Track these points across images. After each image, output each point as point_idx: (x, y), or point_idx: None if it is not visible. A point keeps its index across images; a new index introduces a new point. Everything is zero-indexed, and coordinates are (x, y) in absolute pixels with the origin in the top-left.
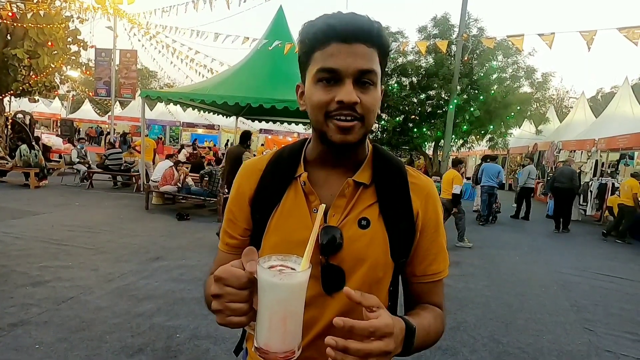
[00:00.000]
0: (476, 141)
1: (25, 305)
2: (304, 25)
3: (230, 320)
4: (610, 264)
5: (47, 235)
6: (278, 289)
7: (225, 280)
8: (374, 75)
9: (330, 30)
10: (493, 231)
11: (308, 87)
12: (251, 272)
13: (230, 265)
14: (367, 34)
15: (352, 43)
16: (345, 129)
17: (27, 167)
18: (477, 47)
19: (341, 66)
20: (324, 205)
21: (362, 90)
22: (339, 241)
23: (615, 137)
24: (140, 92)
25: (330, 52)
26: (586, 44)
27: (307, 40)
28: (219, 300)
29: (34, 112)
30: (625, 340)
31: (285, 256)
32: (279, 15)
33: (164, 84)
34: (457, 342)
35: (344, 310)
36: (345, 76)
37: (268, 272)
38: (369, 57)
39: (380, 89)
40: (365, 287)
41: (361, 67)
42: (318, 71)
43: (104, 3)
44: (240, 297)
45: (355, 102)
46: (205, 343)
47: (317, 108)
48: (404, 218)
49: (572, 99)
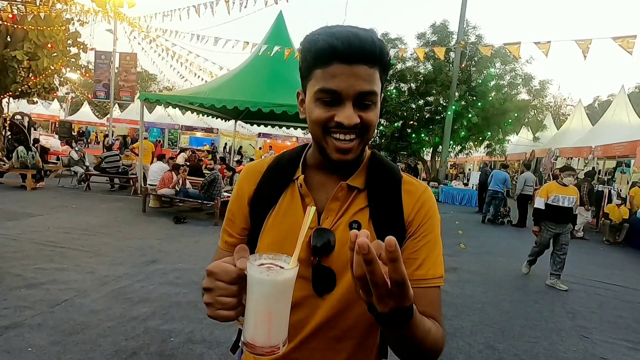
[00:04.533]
0: (474, 147)
1: (18, 307)
2: (307, 38)
3: (219, 313)
4: (607, 272)
5: (42, 237)
6: (265, 285)
7: (216, 275)
8: (375, 96)
9: (332, 50)
10: (491, 237)
11: (308, 102)
12: (241, 268)
13: (222, 261)
14: (369, 55)
15: (354, 64)
16: (344, 151)
17: (24, 168)
18: (475, 54)
19: (342, 88)
20: (314, 207)
21: (362, 110)
22: (331, 243)
23: (611, 145)
24: (140, 94)
25: (332, 73)
26: (582, 52)
27: (308, 57)
28: (209, 294)
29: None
30: (621, 348)
31: (275, 255)
32: (278, 20)
33: (164, 87)
34: (453, 348)
35: (335, 312)
36: (345, 98)
37: (256, 269)
38: (370, 78)
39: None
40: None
41: (362, 89)
42: (319, 91)
43: (104, 6)
44: (229, 291)
45: (356, 124)
46: (200, 347)
47: (316, 124)
48: (393, 222)
49: (570, 106)
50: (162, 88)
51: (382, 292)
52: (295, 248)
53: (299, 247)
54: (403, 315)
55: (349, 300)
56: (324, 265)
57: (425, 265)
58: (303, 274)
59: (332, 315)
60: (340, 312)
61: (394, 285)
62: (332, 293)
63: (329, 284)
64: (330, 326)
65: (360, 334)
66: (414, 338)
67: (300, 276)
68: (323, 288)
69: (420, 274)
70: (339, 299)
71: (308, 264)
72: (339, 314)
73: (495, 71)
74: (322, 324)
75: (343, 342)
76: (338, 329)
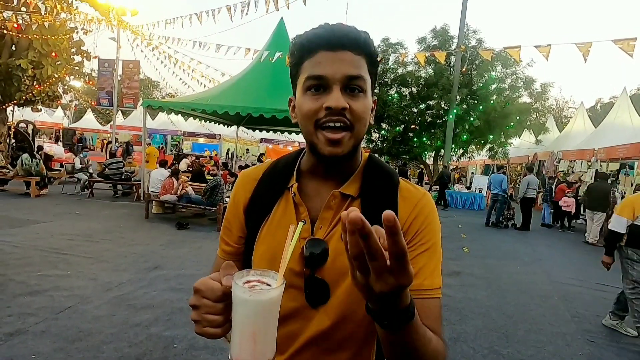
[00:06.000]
0: (476, 151)
1: (22, 314)
2: (293, 38)
3: (206, 330)
4: (612, 275)
5: (46, 244)
6: (248, 304)
7: (202, 292)
8: (362, 81)
9: (316, 38)
10: (494, 241)
11: (298, 98)
12: (227, 286)
13: (208, 278)
14: (353, 41)
15: (339, 50)
16: (335, 142)
17: (28, 176)
18: (476, 58)
19: (328, 73)
20: (301, 223)
21: (351, 97)
22: (324, 254)
23: (614, 147)
24: (142, 101)
25: (318, 60)
26: (582, 55)
27: (295, 52)
28: (196, 311)
29: (36, 121)
30: (627, 352)
31: (263, 271)
32: (279, 26)
33: (166, 93)
34: (457, 353)
35: (329, 324)
36: (332, 83)
37: (240, 288)
38: (356, 63)
39: (371, 98)
40: (349, 301)
41: (348, 72)
42: (306, 79)
43: (108, 15)
44: (215, 309)
45: (344, 107)
46: (203, 354)
47: (307, 118)
48: None
49: (572, 109)
50: (164, 95)
51: (382, 265)
52: (280, 265)
53: (284, 266)
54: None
55: (343, 312)
56: (317, 276)
57: (422, 275)
58: (296, 285)
59: (326, 327)
60: (334, 324)
61: (394, 258)
62: (326, 305)
63: (323, 295)
64: (324, 338)
65: (356, 347)
66: (413, 345)
67: (293, 287)
68: (316, 299)
69: (416, 283)
70: (333, 310)
71: (300, 275)
72: (333, 325)
73: (496, 74)
74: (315, 336)
75: (337, 355)
76: (332, 341)
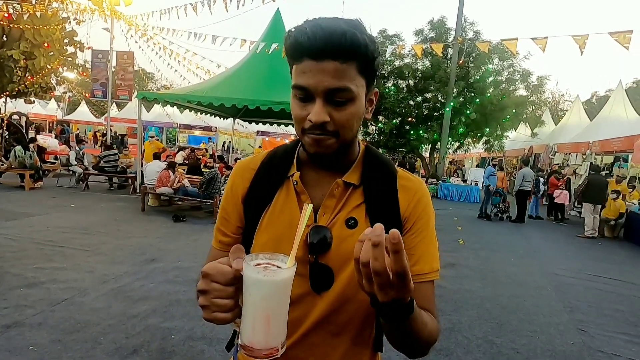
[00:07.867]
0: (473, 143)
1: (19, 306)
2: (285, 34)
3: (215, 316)
4: (605, 266)
5: (42, 236)
6: (262, 285)
7: (211, 277)
8: (348, 92)
9: (300, 46)
10: (489, 233)
11: (291, 98)
12: (237, 269)
13: (217, 262)
14: (336, 50)
15: (322, 60)
16: (320, 144)
17: (22, 168)
18: (473, 50)
19: (310, 84)
20: (310, 204)
21: (334, 108)
22: (328, 241)
23: (609, 140)
24: (137, 93)
25: (302, 69)
26: (579, 48)
27: (286, 52)
28: (205, 296)
29: (29, 113)
30: (619, 341)
31: (272, 255)
32: (276, 17)
33: (161, 85)
34: (451, 342)
35: (332, 308)
36: (315, 95)
37: (253, 269)
38: (340, 74)
39: (364, 99)
40: (352, 287)
41: (330, 86)
42: (293, 87)
43: (101, 5)
44: (225, 293)
45: (324, 122)
46: (200, 344)
47: (296, 121)
48: (389, 218)
49: (568, 102)
50: (159, 87)
51: (384, 281)
52: (293, 247)
53: (296, 246)
54: (404, 310)
55: (346, 297)
56: (321, 262)
57: (422, 261)
58: (300, 272)
59: (329, 312)
60: (337, 308)
61: (395, 276)
62: (330, 290)
63: (327, 281)
64: (328, 322)
65: (357, 328)
66: (412, 331)
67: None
68: (321, 285)
69: (417, 269)
70: (336, 295)
71: (305, 261)
72: (336, 310)
73: (493, 67)
74: (319, 320)
75: (340, 337)
76: (335, 324)
